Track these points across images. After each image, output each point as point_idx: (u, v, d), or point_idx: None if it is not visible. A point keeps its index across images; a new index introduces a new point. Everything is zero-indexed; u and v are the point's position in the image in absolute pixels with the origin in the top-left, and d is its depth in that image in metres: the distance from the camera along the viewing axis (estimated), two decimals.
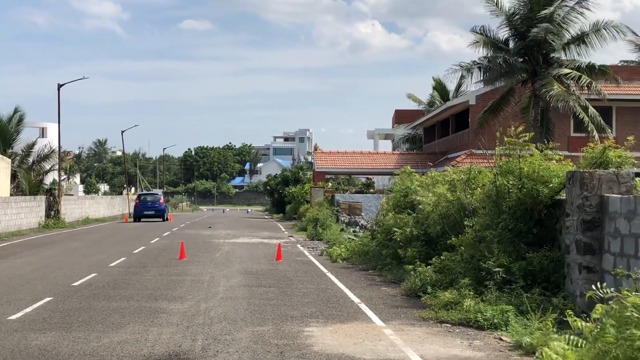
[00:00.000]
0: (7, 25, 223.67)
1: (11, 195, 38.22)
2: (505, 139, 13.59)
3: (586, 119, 31.06)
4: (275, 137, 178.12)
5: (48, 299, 13.39)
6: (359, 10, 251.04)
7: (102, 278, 16.50)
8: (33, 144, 42.90)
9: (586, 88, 30.88)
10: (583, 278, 11.06)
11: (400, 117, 63.28)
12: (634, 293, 6.57)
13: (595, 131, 30.58)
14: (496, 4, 32.11)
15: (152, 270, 18.20)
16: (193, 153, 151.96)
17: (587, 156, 12.17)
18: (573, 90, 31.09)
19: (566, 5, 31.17)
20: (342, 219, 36.16)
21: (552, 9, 30.60)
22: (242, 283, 15.80)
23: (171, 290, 14.63)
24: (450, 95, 52.34)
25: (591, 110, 31.08)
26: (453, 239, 14.32)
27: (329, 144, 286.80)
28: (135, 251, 23.63)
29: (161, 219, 49.19)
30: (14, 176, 40.26)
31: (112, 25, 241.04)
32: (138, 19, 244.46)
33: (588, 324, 6.79)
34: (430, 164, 27.96)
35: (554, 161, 13.09)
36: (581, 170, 11.45)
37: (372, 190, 45.09)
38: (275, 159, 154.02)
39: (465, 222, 14.36)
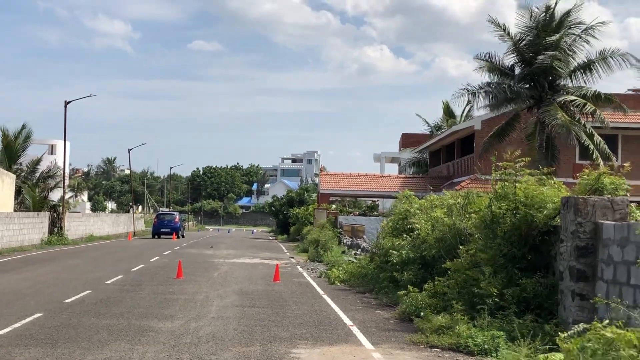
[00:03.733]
0: (19, 42, 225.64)
1: (15, 210, 38.29)
2: (500, 163, 13.52)
3: (591, 146, 30.90)
4: (283, 159, 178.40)
5: (38, 314, 13.31)
6: (368, 34, 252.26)
7: (95, 295, 16.43)
8: (39, 160, 43.01)
9: (590, 116, 30.76)
10: (576, 305, 10.93)
11: (407, 140, 63.32)
12: (605, 324, 6.44)
13: (600, 159, 30.40)
14: (504, 30, 32.17)
15: (147, 288, 18.12)
16: (201, 173, 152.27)
17: (582, 182, 12.06)
18: (578, 118, 30.97)
19: (572, 34, 31.17)
20: (345, 241, 36.01)
21: (558, 36, 30.59)
22: (235, 303, 15.69)
23: (163, 308, 14.54)
24: (458, 119, 52.41)
25: (596, 137, 30.92)
26: (448, 262, 14.21)
27: (337, 166, 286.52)
28: (134, 269, 23.56)
29: (176, 236, 53.82)
30: (18, 192, 40.37)
31: (123, 44, 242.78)
32: (148, 39, 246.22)
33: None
34: (431, 187, 27.89)
35: (549, 187, 12.96)
36: (576, 196, 11.36)
37: (375, 213, 44.97)
38: (282, 180, 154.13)
39: (461, 247, 14.27)
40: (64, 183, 43.20)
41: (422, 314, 13.22)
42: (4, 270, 22.84)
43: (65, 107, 42.55)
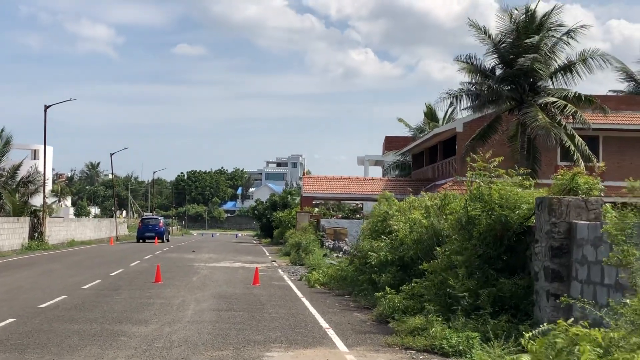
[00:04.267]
0: (1, 48, 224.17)
1: None
2: (475, 164, 13.48)
3: (572, 147, 30.97)
4: (267, 162, 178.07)
5: (10, 320, 13.13)
6: (352, 38, 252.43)
7: (71, 300, 16.24)
8: (19, 165, 42.60)
9: (571, 117, 30.83)
10: (551, 305, 10.88)
11: (391, 143, 63.24)
12: (570, 322, 6.38)
13: (581, 160, 30.46)
14: (484, 32, 32.22)
15: (124, 293, 17.95)
16: (185, 177, 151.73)
17: (556, 183, 12.02)
18: (559, 120, 31.04)
19: (553, 36, 31.31)
20: (327, 244, 35.94)
21: (538, 38, 30.66)
22: (212, 307, 15.55)
23: (138, 313, 14.38)
24: (440, 122, 52.47)
25: (577, 139, 30.99)
26: (424, 264, 14.15)
27: (322, 169, 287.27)
28: (113, 274, 23.37)
29: (160, 240, 54.17)
30: None
31: (107, 48, 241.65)
32: (132, 43, 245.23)
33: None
34: (410, 189, 27.85)
35: (523, 188, 12.93)
36: (550, 196, 11.33)
37: (358, 215, 44.91)
38: (267, 184, 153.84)
39: (437, 248, 14.21)
40: (44, 188, 42.83)
41: (396, 316, 13.15)
42: None
43: (45, 111, 42.29)
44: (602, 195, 11.60)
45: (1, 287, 19.08)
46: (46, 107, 42.34)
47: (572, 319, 6.81)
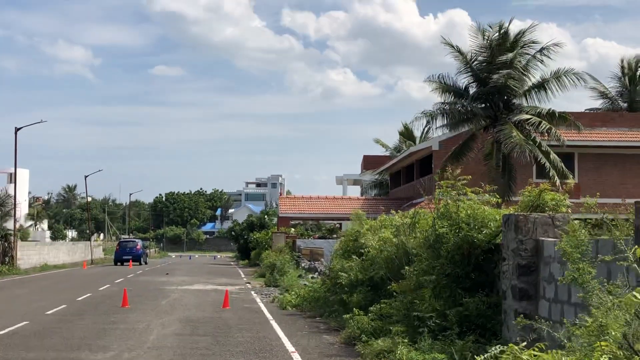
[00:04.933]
0: None
1: None
2: (442, 182, 13.22)
3: (548, 164, 30.88)
4: (247, 183, 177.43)
5: None
6: (331, 58, 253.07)
7: (31, 327, 15.72)
8: None
9: (546, 134, 30.77)
10: (519, 325, 10.56)
11: (368, 162, 63.12)
12: (522, 347, 6.07)
13: (556, 177, 30.35)
14: (458, 51, 32.21)
15: (87, 318, 17.45)
16: (164, 199, 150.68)
17: (524, 199, 11.78)
18: (534, 137, 30.97)
19: (527, 53, 31.35)
20: (303, 264, 35.50)
21: (512, 55, 30.69)
22: (177, 332, 15.11)
23: (99, 339, 13.91)
24: (417, 140, 52.40)
25: (553, 156, 30.91)
26: (393, 284, 13.82)
27: (302, 189, 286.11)
28: (79, 298, 22.83)
29: (138, 262, 55.30)
30: None
31: (83, 70, 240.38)
32: (109, 65, 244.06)
33: None
34: (382, 208, 27.54)
35: (490, 205, 12.68)
36: (516, 213, 11.06)
37: (335, 235, 44.52)
38: (247, 204, 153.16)
39: (406, 268, 13.90)
40: (14, 211, 42.18)
41: (363, 337, 12.79)
42: None
43: (16, 133, 41.67)
44: (570, 211, 11.35)
45: None
46: (17, 130, 41.76)
47: (534, 339, 6.50)
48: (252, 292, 26.34)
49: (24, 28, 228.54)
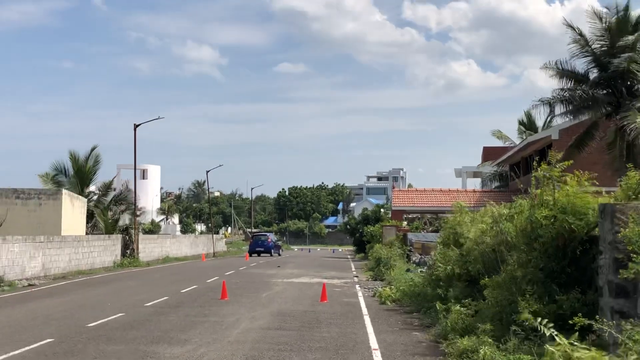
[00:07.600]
0: (113, 73, 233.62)
1: (87, 234, 38.66)
2: (539, 168, 12.17)
3: None
4: (368, 177, 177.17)
5: (49, 340, 12.73)
6: (454, 50, 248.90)
7: (124, 319, 15.81)
8: (110, 184, 43.47)
9: None
10: (615, 324, 9.50)
11: (489, 153, 61.26)
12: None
13: None
14: (580, 34, 30.75)
15: (182, 310, 17.43)
16: (287, 193, 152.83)
17: (624, 187, 10.61)
18: None
19: None
20: (414, 259, 34.64)
21: (632, 38, 28.87)
22: (264, 326, 14.78)
23: (183, 332, 13.76)
24: (539, 130, 50.29)
25: None
26: (486, 279, 12.91)
27: (424, 182, 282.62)
28: (184, 290, 23.02)
29: (269, 254, 59.93)
30: (91, 215, 40.78)
31: (212, 70, 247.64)
32: (235, 64, 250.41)
33: None
34: (492, 201, 26.17)
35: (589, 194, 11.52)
36: (612, 202, 9.96)
37: None
38: (368, 198, 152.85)
39: (504, 260, 12.96)
40: (134, 206, 43.49)
41: (450, 335, 11.98)
42: (53, 293, 22.64)
43: (135, 129, 42.99)
44: None
45: (65, 305, 18.94)
46: (135, 126, 43.07)
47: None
48: (357, 286, 25.82)
49: (155, 30, 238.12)
